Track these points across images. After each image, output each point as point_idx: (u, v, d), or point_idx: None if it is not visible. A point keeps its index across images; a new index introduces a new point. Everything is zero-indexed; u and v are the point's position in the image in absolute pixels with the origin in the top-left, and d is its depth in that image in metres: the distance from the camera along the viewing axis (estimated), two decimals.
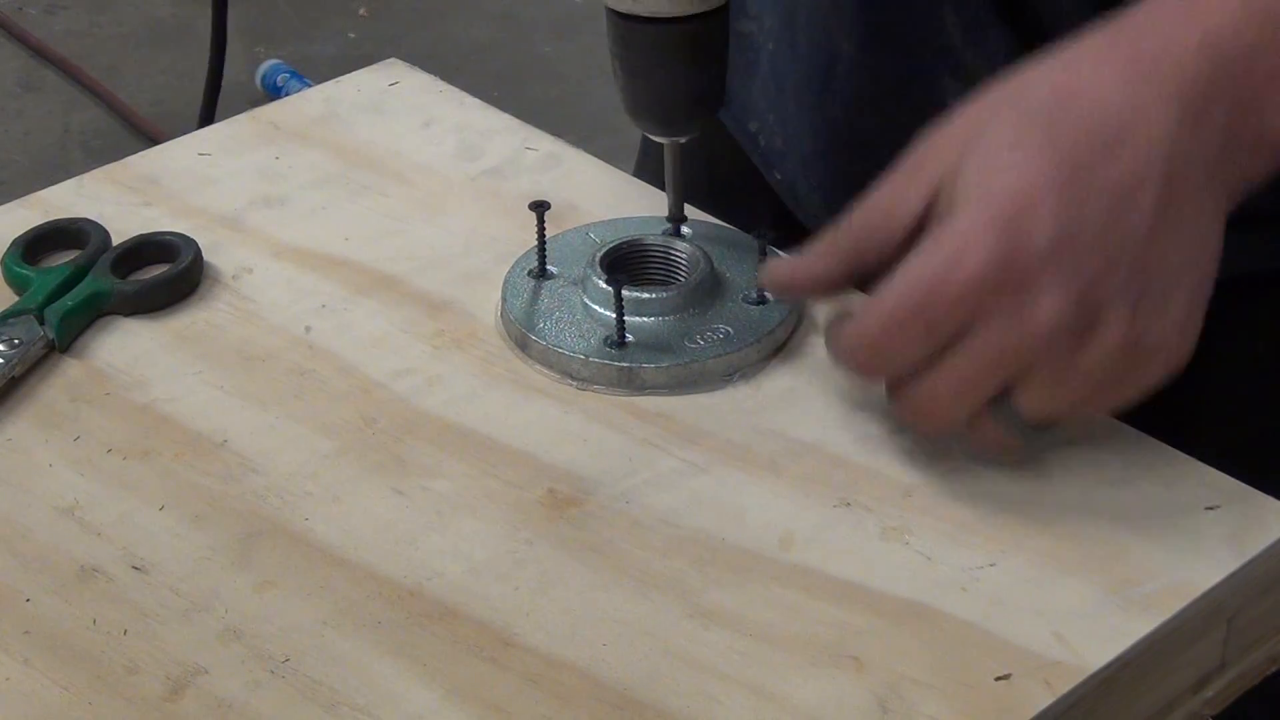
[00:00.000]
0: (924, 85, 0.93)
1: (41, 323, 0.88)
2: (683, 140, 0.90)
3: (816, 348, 0.87)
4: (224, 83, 2.05)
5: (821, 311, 0.89)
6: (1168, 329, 0.75)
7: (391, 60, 1.11)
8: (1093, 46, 0.77)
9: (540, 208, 0.90)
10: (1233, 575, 0.75)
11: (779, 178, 1.02)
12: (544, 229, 0.90)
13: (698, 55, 0.87)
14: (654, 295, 0.87)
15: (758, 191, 1.05)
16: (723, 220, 0.95)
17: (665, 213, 0.95)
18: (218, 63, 1.37)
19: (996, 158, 0.75)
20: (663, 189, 0.97)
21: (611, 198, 0.98)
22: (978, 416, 0.77)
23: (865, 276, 0.79)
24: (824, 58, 0.96)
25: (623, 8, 0.86)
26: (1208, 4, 0.76)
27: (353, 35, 3.09)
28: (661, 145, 0.90)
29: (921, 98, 0.93)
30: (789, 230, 0.98)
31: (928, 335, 0.75)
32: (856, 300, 0.80)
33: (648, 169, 0.90)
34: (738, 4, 1.03)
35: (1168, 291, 0.75)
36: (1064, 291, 0.73)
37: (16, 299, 0.91)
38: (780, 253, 0.91)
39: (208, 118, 1.44)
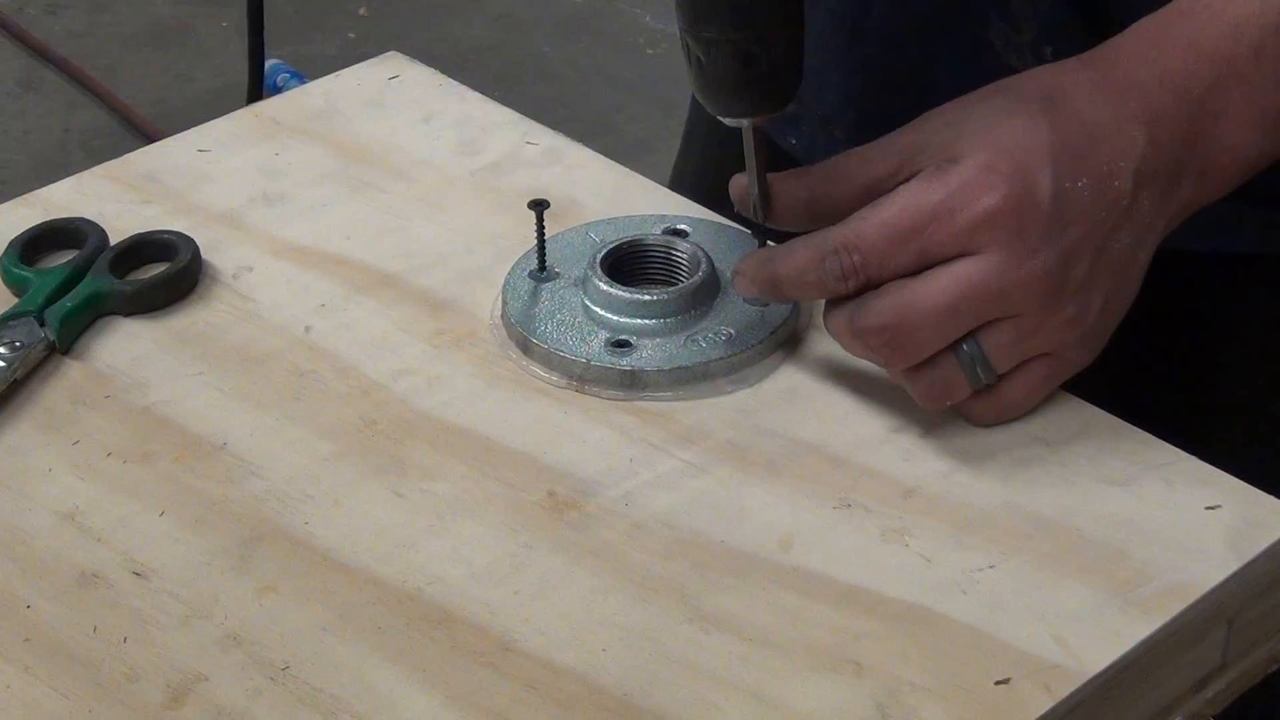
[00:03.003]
0: (966, 17, 0.93)
1: (42, 324, 0.88)
2: (760, 121, 0.84)
3: (818, 348, 0.87)
4: (224, 83, 2.05)
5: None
6: (1108, 318, 0.80)
7: (392, 53, 1.11)
8: (1069, 67, 0.81)
9: (539, 206, 0.89)
10: (1233, 575, 0.75)
11: (794, 142, 1.02)
12: (543, 228, 0.90)
13: (788, 20, 0.82)
14: (655, 296, 0.87)
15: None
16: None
17: (666, 210, 0.95)
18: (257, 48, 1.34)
19: (998, 122, 0.79)
20: (696, 199, 0.96)
21: (612, 194, 0.97)
22: (942, 354, 0.79)
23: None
24: None
25: None
26: (1161, 48, 0.80)
27: (353, 35, 3.09)
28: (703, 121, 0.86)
29: (962, 31, 0.93)
30: None
31: (920, 256, 0.78)
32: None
33: (685, 181, 0.89)
34: None
35: (1121, 284, 0.80)
36: (1056, 249, 0.77)
37: (14, 299, 0.91)
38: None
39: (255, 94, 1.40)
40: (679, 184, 1.04)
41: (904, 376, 0.81)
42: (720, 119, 0.85)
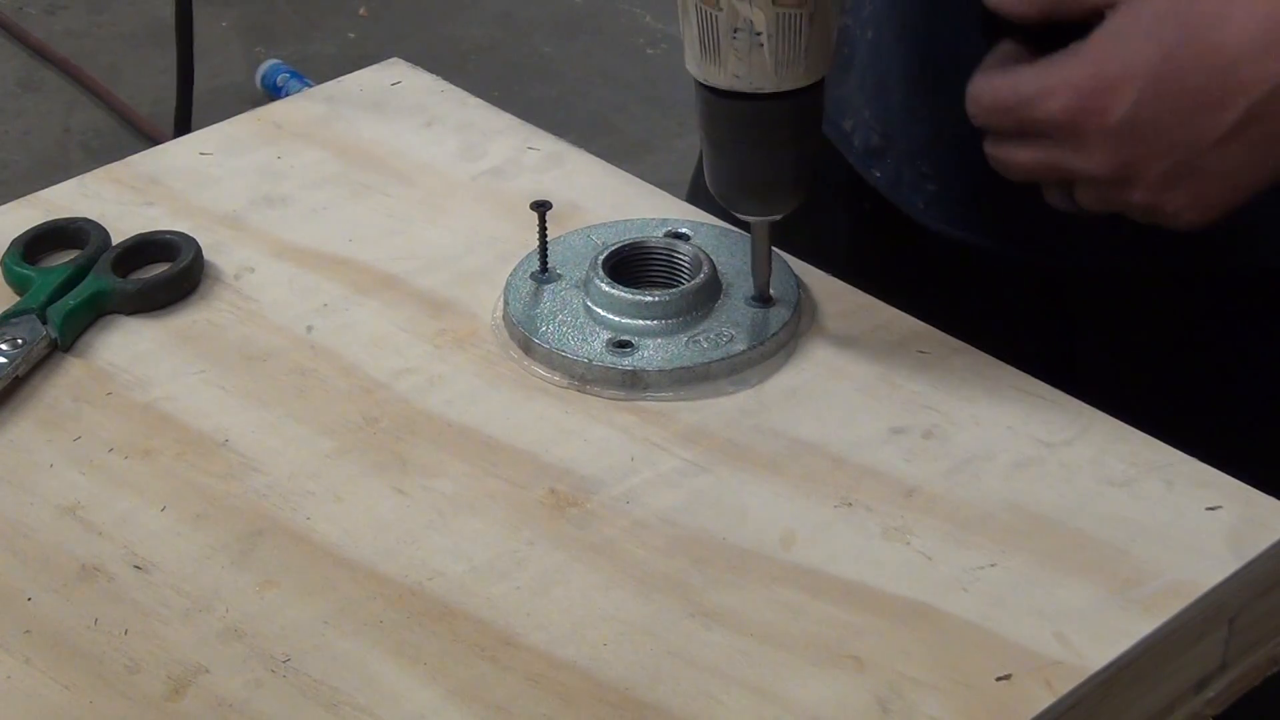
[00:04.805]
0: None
1: (44, 322, 0.88)
2: (777, 219, 0.86)
3: (818, 350, 0.87)
4: (224, 83, 2.05)
5: (826, 314, 0.89)
6: (1216, 193, 0.83)
7: (393, 60, 1.11)
8: None
9: (541, 207, 0.90)
10: (1233, 576, 0.75)
11: (878, 176, 1.01)
12: (545, 229, 0.90)
13: (801, 131, 0.84)
14: (656, 298, 0.87)
15: (847, 192, 1.04)
16: (806, 226, 0.93)
17: (668, 214, 0.95)
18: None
19: (1126, 39, 0.81)
20: (713, 213, 0.96)
21: (614, 198, 0.98)
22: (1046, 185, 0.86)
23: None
24: (953, 33, 0.95)
25: (721, 84, 0.82)
26: None
27: (353, 35, 3.09)
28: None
29: None
30: (885, 229, 0.98)
31: (1017, 125, 0.84)
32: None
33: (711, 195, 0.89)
34: None
35: (1223, 183, 0.82)
36: (1116, 160, 0.82)
37: (16, 299, 0.91)
38: (780, 252, 0.91)
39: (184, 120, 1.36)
40: (699, 196, 1.04)
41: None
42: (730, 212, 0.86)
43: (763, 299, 0.88)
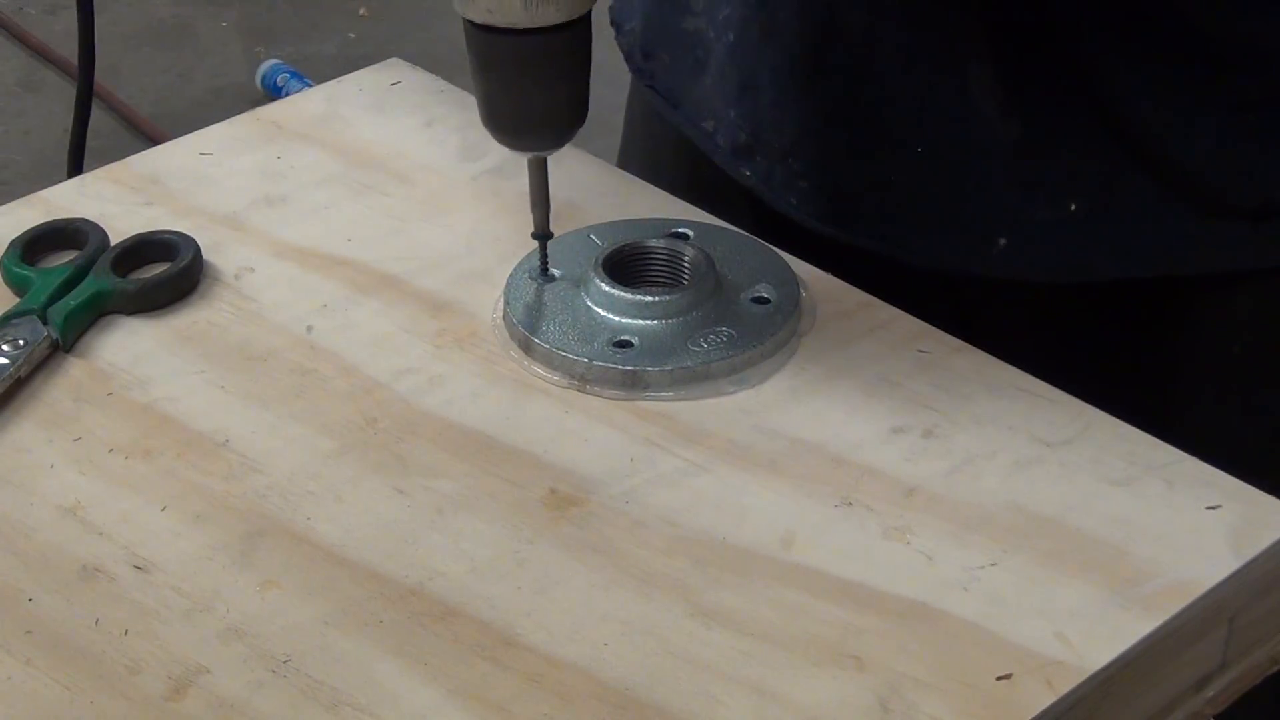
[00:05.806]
0: (935, 61, 0.93)
1: (45, 323, 0.88)
2: (546, 155, 0.87)
3: (819, 350, 0.87)
4: (224, 83, 2.05)
5: (826, 314, 0.89)
6: None
7: (393, 60, 1.11)
8: None
9: (542, 238, 0.89)
10: (1234, 575, 0.75)
11: (748, 174, 1.02)
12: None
13: (563, 68, 0.83)
14: (657, 298, 0.87)
15: (734, 188, 1.04)
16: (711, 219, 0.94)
17: (667, 213, 0.95)
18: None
19: None
20: (650, 183, 0.96)
21: (614, 198, 0.98)
22: None
23: None
24: (819, 33, 0.95)
25: (475, 18, 0.82)
26: None
27: (353, 35, 3.09)
28: (638, 139, 0.88)
29: (930, 74, 0.93)
30: (768, 224, 0.98)
31: None
32: None
33: (632, 161, 0.89)
34: (680, 2, 1.02)
35: None
36: None
37: (15, 299, 0.91)
38: (780, 252, 0.91)
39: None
40: (628, 161, 1.05)
41: None
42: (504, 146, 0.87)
43: (540, 236, 0.89)
